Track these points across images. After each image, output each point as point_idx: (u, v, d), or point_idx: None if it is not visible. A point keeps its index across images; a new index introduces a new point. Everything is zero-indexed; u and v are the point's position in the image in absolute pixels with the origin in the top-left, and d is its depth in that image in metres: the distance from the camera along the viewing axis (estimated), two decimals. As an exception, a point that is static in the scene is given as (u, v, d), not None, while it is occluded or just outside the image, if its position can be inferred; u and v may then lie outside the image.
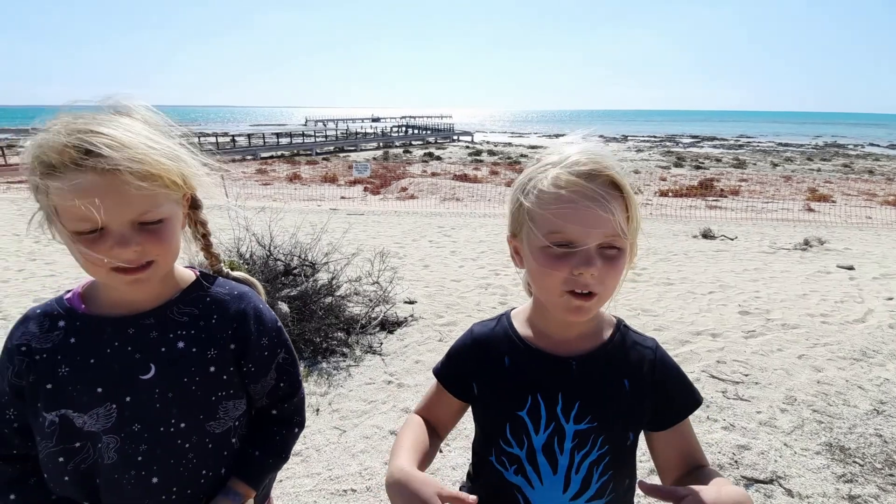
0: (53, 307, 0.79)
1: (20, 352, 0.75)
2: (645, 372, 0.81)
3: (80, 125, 0.66)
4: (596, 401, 0.79)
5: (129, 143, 0.66)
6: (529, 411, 0.79)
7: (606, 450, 0.79)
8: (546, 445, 0.79)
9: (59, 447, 0.74)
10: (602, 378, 0.80)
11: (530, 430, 0.79)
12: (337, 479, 2.21)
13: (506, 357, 0.83)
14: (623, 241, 0.71)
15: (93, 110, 0.73)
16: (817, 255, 6.61)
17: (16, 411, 0.76)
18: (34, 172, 0.66)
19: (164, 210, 0.72)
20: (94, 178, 0.64)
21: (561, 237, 0.69)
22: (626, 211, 0.71)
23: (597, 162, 0.70)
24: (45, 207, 0.69)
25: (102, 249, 0.68)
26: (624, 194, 0.70)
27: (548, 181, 0.71)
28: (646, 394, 0.80)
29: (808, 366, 3.29)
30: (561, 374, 0.80)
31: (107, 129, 0.66)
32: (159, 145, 0.70)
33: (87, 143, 0.64)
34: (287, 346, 0.89)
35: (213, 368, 0.79)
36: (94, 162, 0.64)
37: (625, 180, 0.70)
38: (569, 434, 0.78)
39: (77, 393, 0.74)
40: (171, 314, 0.79)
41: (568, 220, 0.68)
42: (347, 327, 3.65)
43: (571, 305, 0.72)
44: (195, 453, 0.79)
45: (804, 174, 21.51)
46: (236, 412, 0.83)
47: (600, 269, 0.69)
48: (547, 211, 0.70)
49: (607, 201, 0.68)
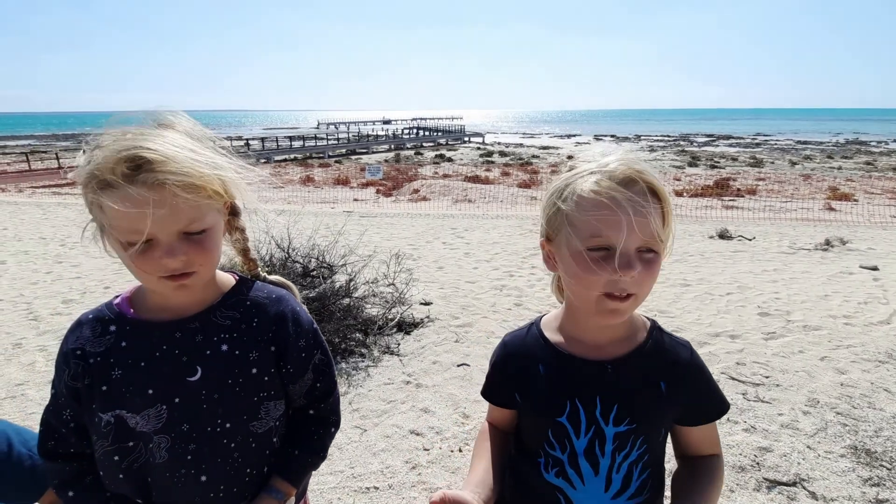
0: (104, 312, 0.83)
1: (75, 355, 0.79)
2: (680, 374, 0.83)
3: (128, 141, 0.70)
4: (633, 403, 0.81)
5: (175, 157, 0.70)
6: (569, 417, 0.81)
7: (645, 449, 0.81)
8: (587, 449, 0.81)
9: (115, 446, 0.78)
10: (638, 380, 0.82)
11: (571, 435, 0.81)
12: (359, 477, 2.25)
13: (540, 365, 0.86)
14: (659, 245, 0.73)
15: (138, 121, 0.76)
16: (839, 255, 6.49)
17: (72, 412, 0.80)
18: (88, 188, 0.70)
19: (208, 220, 0.75)
20: (143, 191, 0.68)
21: (601, 241, 0.72)
22: (662, 216, 0.73)
23: (635, 169, 0.72)
24: (99, 220, 0.73)
25: (152, 259, 0.71)
26: (661, 200, 0.73)
27: (588, 186, 0.73)
28: (681, 394, 0.83)
29: (830, 368, 3.24)
30: (597, 378, 0.82)
31: (154, 144, 0.70)
32: (202, 157, 0.73)
33: (137, 159, 0.68)
34: (323, 347, 0.92)
35: (254, 370, 0.82)
36: (144, 177, 0.68)
37: (662, 187, 0.73)
38: (609, 437, 0.80)
39: (130, 394, 0.78)
40: (215, 318, 0.82)
41: (608, 224, 0.71)
42: (365, 328, 3.69)
43: (607, 308, 0.74)
44: (240, 452, 0.82)
45: (824, 172, 21.07)
46: (277, 412, 0.86)
47: (639, 271, 0.72)
48: (587, 216, 0.72)
49: (645, 207, 0.70)
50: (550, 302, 4.83)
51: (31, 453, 0.97)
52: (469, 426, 2.64)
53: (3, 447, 0.94)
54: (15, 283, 5.28)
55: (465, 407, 2.82)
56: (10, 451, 0.95)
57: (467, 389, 3.02)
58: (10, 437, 0.97)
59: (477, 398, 2.90)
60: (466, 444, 2.49)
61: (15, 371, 3.27)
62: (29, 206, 11.18)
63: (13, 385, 3.08)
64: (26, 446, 0.97)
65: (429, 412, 2.78)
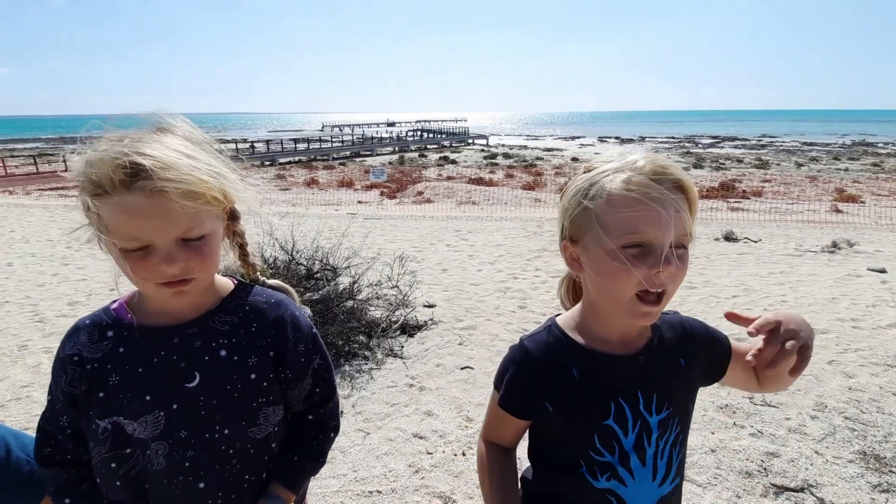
0: (101, 318, 0.82)
1: (72, 361, 0.78)
2: (690, 345, 0.86)
3: (126, 146, 0.68)
4: (668, 387, 0.82)
5: (174, 163, 0.68)
6: (616, 417, 0.80)
7: (680, 427, 0.84)
8: (636, 444, 0.80)
9: (112, 453, 0.77)
10: (665, 364, 0.83)
11: (620, 435, 0.80)
12: (362, 481, 2.24)
13: (573, 369, 0.82)
14: (689, 240, 0.74)
15: (136, 125, 0.75)
16: (846, 257, 6.43)
17: (69, 418, 0.79)
18: (84, 191, 0.69)
19: (207, 226, 0.74)
20: (141, 198, 0.67)
21: (637, 238, 0.71)
22: (691, 213, 0.74)
23: (661, 165, 0.72)
24: (96, 225, 0.71)
25: (150, 266, 0.70)
26: (689, 195, 0.73)
27: (618, 184, 0.72)
28: (696, 362, 0.86)
29: (838, 372, 3.21)
30: (633, 372, 0.82)
31: (152, 149, 0.68)
32: (201, 163, 0.72)
33: (135, 166, 0.66)
34: (322, 351, 0.91)
35: (253, 375, 0.82)
36: (142, 184, 0.66)
37: (689, 181, 0.73)
38: (654, 426, 0.81)
39: (127, 401, 0.77)
40: (213, 323, 0.82)
41: (645, 221, 0.70)
42: (369, 331, 3.69)
43: (640, 311, 0.73)
44: (238, 459, 0.81)
45: (831, 174, 20.91)
46: (276, 418, 0.85)
47: (675, 268, 0.72)
48: (621, 213, 0.71)
49: (677, 201, 0.71)
50: (555, 304, 4.77)
51: (29, 458, 0.97)
52: (472, 429, 2.63)
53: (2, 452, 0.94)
54: (22, 285, 5.32)
55: (469, 410, 2.81)
56: (9, 456, 0.94)
57: (471, 393, 3.01)
58: (9, 442, 0.96)
59: (481, 401, 2.88)
60: (470, 447, 2.47)
61: (21, 373, 3.29)
62: (36, 209, 11.28)
63: (19, 387, 3.10)
64: (25, 451, 0.97)
65: (432, 415, 2.77)
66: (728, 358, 0.88)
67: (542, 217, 10.17)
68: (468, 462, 2.36)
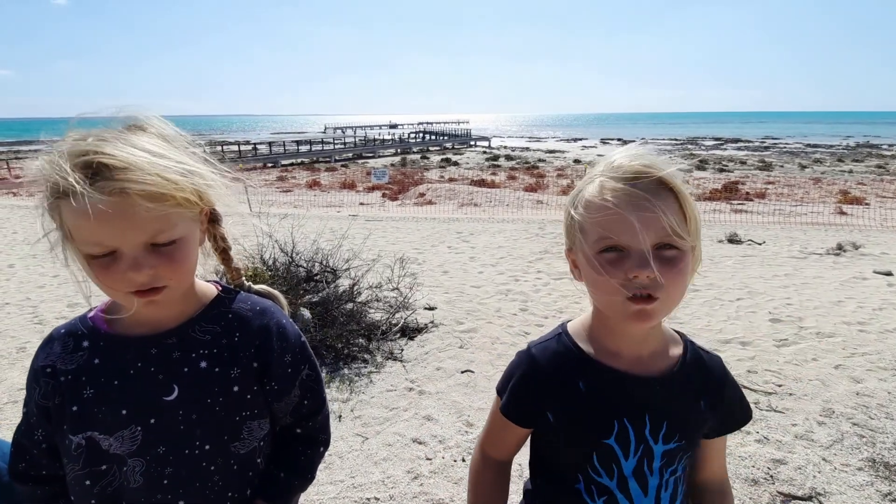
0: (77, 327, 0.78)
1: (45, 373, 0.75)
2: (718, 390, 0.81)
3: (87, 145, 0.64)
4: (682, 420, 0.78)
5: (137, 163, 0.64)
6: (618, 438, 0.76)
7: (686, 463, 0.80)
8: (636, 469, 0.76)
9: (86, 470, 0.73)
10: (684, 397, 0.79)
11: (619, 457, 0.76)
12: (360, 487, 2.20)
13: (580, 381, 0.78)
14: (681, 242, 0.68)
15: (105, 124, 0.70)
16: (852, 260, 6.36)
17: (44, 432, 0.76)
18: (45, 195, 0.65)
19: (179, 230, 0.69)
20: (102, 200, 0.62)
21: (611, 242, 0.69)
22: (680, 210, 0.68)
23: (642, 163, 0.68)
24: (59, 229, 0.67)
25: (116, 273, 0.66)
26: (675, 192, 0.68)
27: (592, 190, 0.71)
28: (718, 409, 0.82)
29: (845, 376, 3.15)
30: (645, 395, 0.77)
31: (114, 149, 0.64)
32: (170, 162, 0.67)
33: (95, 165, 0.62)
34: (311, 361, 0.87)
35: (236, 388, 0.77)
36: (102, 185, 0.62)
37: (675, 178, 0.68)
38: (657, 454, 0.76)
39: (102, 415, 0.73)
40: (194, 333, 0.78)
41: (614, 225, 0.68)
42: (368, 333, 3.65)
43: (631, 310, 0.69)
44: (220, 475, 0.77)
45: (835, 176, 20.82)
46: (261, 432, 0.81)
47: (658, 270, 0.66)
48: (595, 219, 0.70)
49: (654, 202, 0.66)
50: (557, 307, 4.78)
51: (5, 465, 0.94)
52: (473, 434, 2.59)
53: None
54: (22, 286, 5.31)
55: (469, 415, 2.77)
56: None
57: (471, 397, 2.97)
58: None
59: (481, 406, 2.84)
60: (470, 453, 2.43)
61: (18, 375, 3.26)
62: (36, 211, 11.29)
63: (16, 390, 3.07)
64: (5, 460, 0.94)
65: (432, 420, 2.72)
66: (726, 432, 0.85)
67: (544, 219, 10.13)
68: (467, 469, 2.32)
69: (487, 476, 0.89)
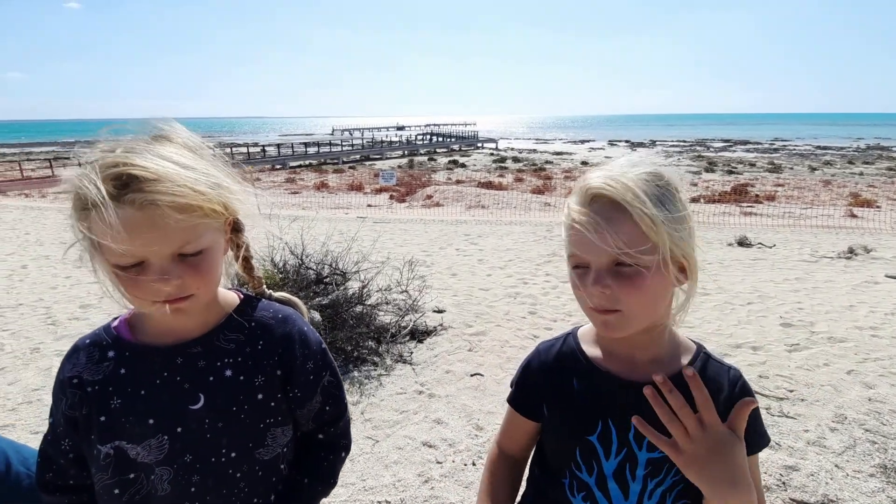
0: (102, 337, 0.79)
1: (72, 384, 0.75)
2: (724, 404, 0.77)
3: (117, 157, 0.64)
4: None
5: (167, 175, 0.64)
6: (600, 436, 0.78)
7: (680, 478, 0.77)
8: (617, 472, 0.78)
9: (115, 479, 0.74)
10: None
11: (601, 455, 0.78)
12: (371, 490, 2.21)
13: (574, 379, 0.83)
14: (639, 259, 0.69)
15: (132, 132, 0.71)
16: (863, 263, 6.30)
17: (71, 442, 0.77)
18: (74, 207, 0.66)
19: (205, 240, 0.70)
20: (132, 212, 0.62)
21: (577, 260, 0.75)
22: (637, 230, 0.69)
23: (602, 184, 0.71)
24: (86, 242, 0.67)
25: (144, 283, 0.67)
26: (629, 212, 0.69)
27: (565, 212, 0.77)
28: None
29: (858, 382, 3.12)
30: (633, 399, 0.77)
31: (144, 160, 0.64)
32: (198, 174, 0.68)
33: (125, 178, 0.63)
34: (332, 368, 0.88)
35: (260, 396, 0.78)
36: (132, 196, 0.62)
37: (629, 199, 0.68)
38: (641, 461, 0.77)
39: (130, 424, 0.74)
40: (218, 341, 0.78)
41: (578, 244, 0.73)
42: (378, 336, 3.67)
43: (598, 321, 0.75)
44: (246, 482, 0.78)
45: (845, 178, 20.60)
46: (284, 438, 0.82)
47: (613, 287, 0.70)
48: (567, 237, 0.76)
49: (606, 222, 0.69)
50: (565, 310, 4.77)
51: (29, 472, 0.95)
52: (483, 438, 2.59)
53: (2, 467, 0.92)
54: (35, 287, 5.39)
55: (479, 418, 2.77)
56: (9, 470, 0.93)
57: (481, 400, 2.97)
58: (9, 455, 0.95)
59: (491, 409, 2.85)
60: (480, 457, 2.44)
61: (32, 376, 3.32)
62: (51, 211, 11.45)
63: (30, 390, 3.12)
64: (25, 465, 0.95)
65: (442, 423, 2.73)
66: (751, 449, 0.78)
67: (552, 221, 10.11)
68: (478, 472, 2.33)
69: (499, 468, 0.94)
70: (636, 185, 0.70)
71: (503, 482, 0.93)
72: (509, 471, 0.94)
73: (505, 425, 0.95)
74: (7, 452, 0.94)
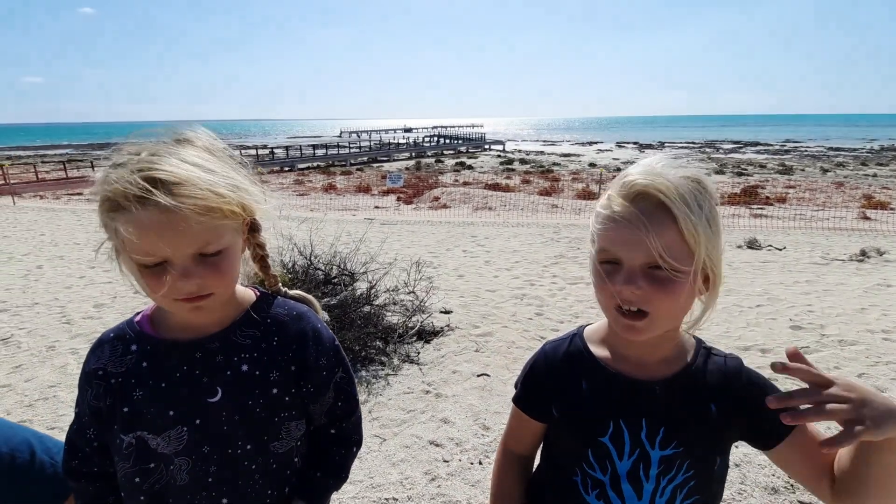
0: (125, 331, 0.82)
1: (97, 376, 0.79)
2: (732, 394, 0.78)
3: (143, 161, 0.68)
4: (681, 426, 0.77)
5: (190, 178, 0.67)
6: (612, 437, 0.78)
7: (692, 473, 0.77)
8: (631, 472, 0.78)
9: (136, 468, 0.77)
10: (687, 403, 0.78)
11: (614, 456, 0.78)
12: (378, 488, 2.24)
13: (583, 380, 0.82)
14: (674, 264, 0.68)
15: (156, 135, 0.74)
16: (876, 266, 6.22)
17: (95, 431, 0.80)
18: (102, 208, 0.69)
19: (225, 240, 0.73)
20: (156, 214, 0.65)
21: (608, 255, 0.73)
22: (679, 237, 0.68)
23: (651, 182, 0.68)
24: (113, 241, 0.71)
25: (166, 281, 0.69)
26: (675, 215, 0.67)
27: (604, 202, 0.74)
28: (734, 415, 0.78)
29: (869, 385, 3.09)
30: (644, 399, 0.78)
31: (168, 164, 0.67)
32: (219, 177, 0.71)
33: (150, 182, 0.65)
34: (344, 364, 0.90)
35: (275, 390, 0.81)
36: (157, 199, 0.65)
37: (676, 201, 0.67)
38: (654, 460, 0.77)
39: (151, 416, 0.77)
40: (235, 337, 0.81)
41: (613, 240, 0.71)
42: (385, 336, 3.70)
43: (621, 324, 0.73)
44: (261, 474, 0.81)
45: (858, 180, 20.33)
46: (298, 432, 0.85)
47: (645, 288, 0.69)
48: (599, 230, 0.74)
49: (650, 223, 0.67)
50: (572, 312, 4.76)
51: (52, 461, 0.99)
52: (489, 438, 2.61)
53: (26, 455, 0.96)
54: (50, 286, 5.49)
55: (486, 418, 2.79)
56: (33, 458, 0.96)
57: (487, 400, 2.99)
58: (33, 444, 0.98)
59: (498, 409, 2.86)
60: (487, 456, 2.45)
61: (48, 373, 3.39)
62: (65, 213, 11.65)
63: (46, 387, 3.19)
64: (48, 454, 0.99)
65: (448, 423, 2.75)
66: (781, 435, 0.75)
67: (559, 223, 10.10)
68: (485, 471, 2.34)
69: (508, 471, 0.94)
70: (684, 190, 0.68)
71: (515, 485, 0.93)
72: (519, 473, 0.94)
73: (511, 426, 0.94)
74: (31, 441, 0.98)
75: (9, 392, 3.13)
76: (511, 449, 0.95)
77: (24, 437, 0.97)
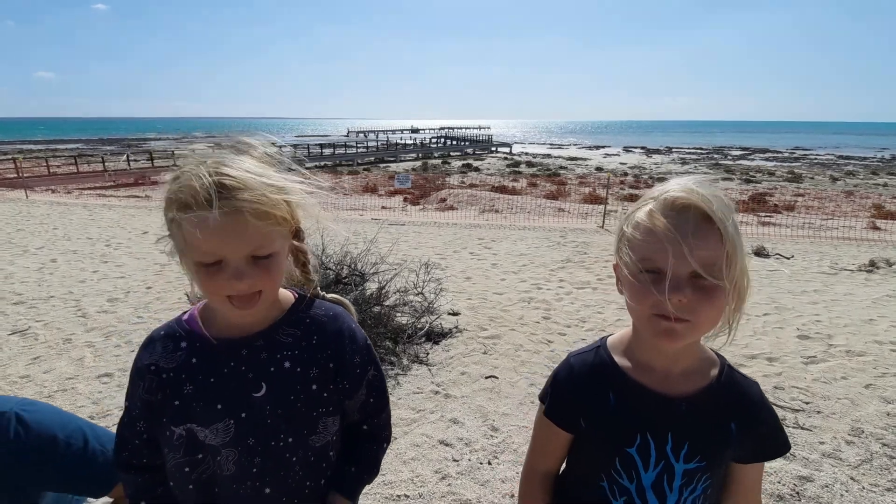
0: (175, 329, 0.87)
1: (150, 370, 0.84)
2: (751, 415, 0.82)
3: (210, 167, 0.73)
4: (705, 442, 0.81)
5: (252, 184, 0.72)
6: (639, 449, 0.81)
7: (708, 484, 0.82)
8: (655, 484, 0.81)
9: (185, 458, 0.82)
10: (711, 420, 0.82)
11: (640, 467, 0.82)
12: (390, 485, 2.28)
13: (610, 393, 0.85)
14: (718, 273, 0.71)
15: (221, 140, 0.80)
16: (885, 277, 6.20)
17: (146, 424, 0.85)
18: (170, 209, 0.74)
19: (275, 245, 0.78)
20: (220, 216, 0.70)
21: (651, 264, 0.74)
22: (721, 248, 0.71)
23: (691, 195, 0.72)
24: (177, 239, 0.76)
25: (221, 280, 0.74)
26: (718, 228, 0.71)
27: (643, 214, 0.76)
28: (749, 435, 0.82)
29: (876, 396, 3.11)
30: (670, 413, 0.81)
31: (233, 171, 0.72)
32: (274, 185, 0.75)
33: (217, 185, 0.70)
34: (376, 363, 0.95)
35: (314, 387, 0.86)
36: (222, 203, 0.70)
37: (720, 215, 0.71)
38: (678, 473, 0.81)
39: (200, 409, 0.82)
40: (278, 335, 0.86)
41: (655, 250, 0.73)
42: (395, 336, 3.75)
43: (660, 328, 0.74)
44: (300, 466, 0.86)
45: (868, 189, 20.19)
46: (334, 427, 0.90)
47: (690, 297, 0.71)
48: (641, 240, 0.75)
49: (696, 234, 0.70)
50: (579, 316, 4.79)
51: (103, 449, 1.05)
52: (498, 439, 2.65)
53: (80, 443, 1.02)
54: (65, 280, 5.58)
55: (494, 419, 2.83)
56: (86, 446, 1.03)
57: (496, 402, 3.03)
58: (86, 433, 1.04)
59: (506, 411, 2.90)
60: (495, 456, 2.49)
61: (65, 365, 3.46)
62: (77, 207, 11.79)
63: (64, 379, 3.26)
64: (99, 442, 1.05)
65: (458, 423, 2.80)
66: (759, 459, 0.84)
67: (566, 227, 10.11)
68: (494, 471, 2.38)
69: (537, 487, 0.95)
70: (721, 205, 0.72)
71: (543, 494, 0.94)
72: (548, 492, 0.95)
73: (538, 442, 0.95)
74: (84, 430, 1.04)
75: (28, 383, 3.20)
76: (537, 468, 0.96)
77: (78, 426, 1.03)
